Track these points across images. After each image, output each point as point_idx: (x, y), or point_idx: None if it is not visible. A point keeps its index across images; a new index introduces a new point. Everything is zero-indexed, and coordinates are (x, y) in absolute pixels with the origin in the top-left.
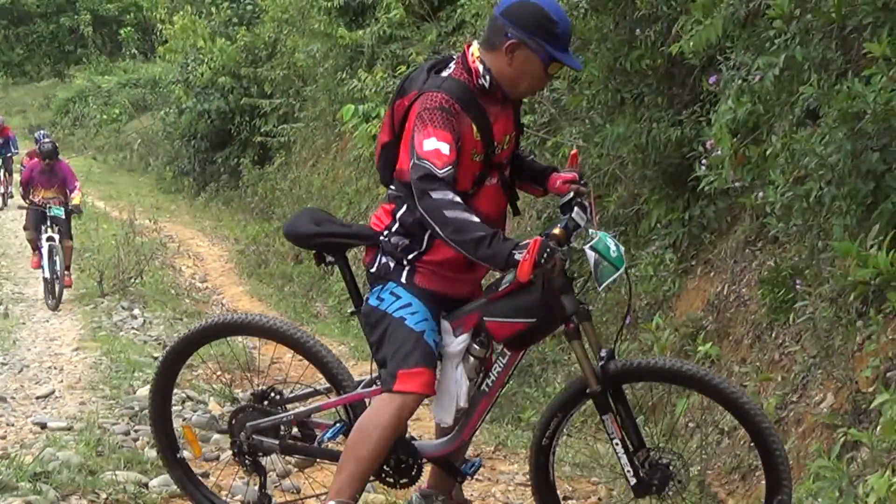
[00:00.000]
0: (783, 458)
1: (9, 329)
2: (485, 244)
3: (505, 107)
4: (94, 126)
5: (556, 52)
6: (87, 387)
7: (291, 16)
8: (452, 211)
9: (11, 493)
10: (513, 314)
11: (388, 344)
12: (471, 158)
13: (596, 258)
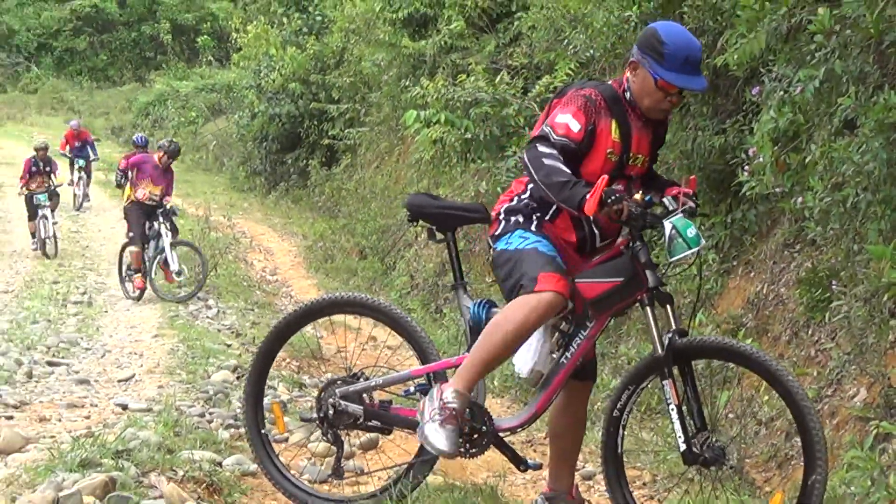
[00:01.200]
0: (820, 438)
1: (92, 317)
2: (567, 187)
3: (645, 127)
4: (172, 128)
5: (661, 70)
6: (165, 371)
7: (358, 26)
8: (549, 160)
9: (95, 469)
10: (602, 275)
11: (523, 265)
12: (606, 155)
13: (672, 232)
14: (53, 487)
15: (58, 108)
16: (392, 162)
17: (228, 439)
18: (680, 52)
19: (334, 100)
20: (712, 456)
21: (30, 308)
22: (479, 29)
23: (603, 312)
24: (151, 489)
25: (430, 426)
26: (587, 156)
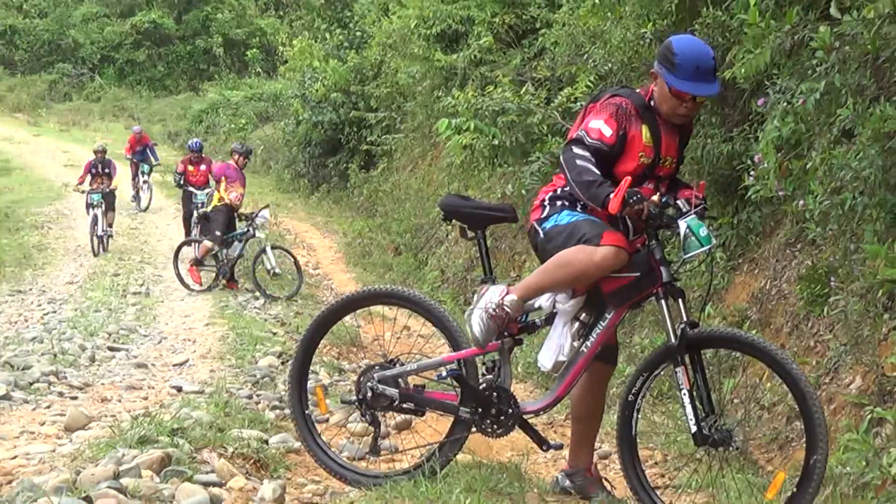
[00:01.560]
0: (821, 420)
1: (150, 306)
2: (594, 185)
3: (672, 131)
4: (223, 134)
5: (673, 79)
6: (217, 357)
7: (395, 41)
8: (582, 161)
9: (153, 446)
10: (620, 270)
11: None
12: (638, 158)
13: (686, 231)
14: (114, 462)
15: (118, 116)
16: (425, 166)
17: (274, 419)
18: (690, 62)
19: (372, 108)
20: (720, 438)
21: (93, 298)
22: (506, 44)
23: (620, 304)
24: (204, 464)
25: (478, 313)
26: (621, 158)
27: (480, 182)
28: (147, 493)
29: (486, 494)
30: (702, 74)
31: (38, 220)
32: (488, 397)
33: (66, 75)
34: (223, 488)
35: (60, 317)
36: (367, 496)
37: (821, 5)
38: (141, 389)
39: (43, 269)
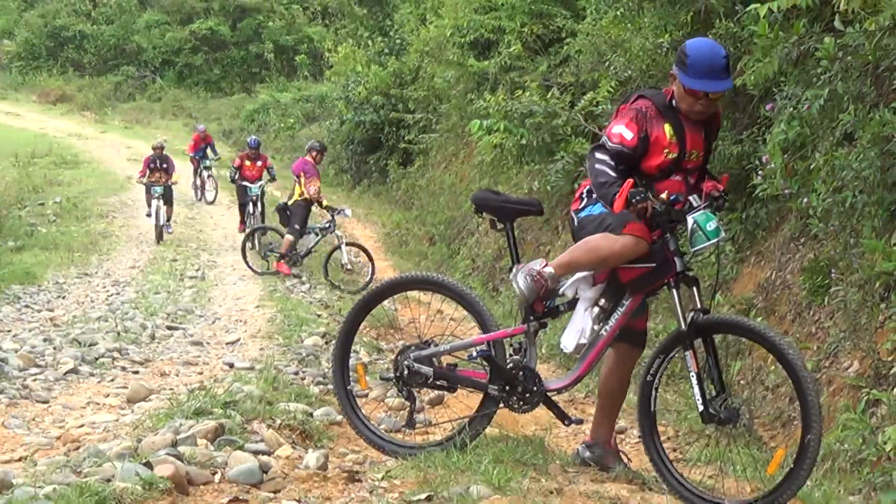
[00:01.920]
0: (815, 402)
1: (205, 289)
2: (606, 185)
3: (697, 127)
4: (273, 132)
5: (685, 78)
6: (266, 336)
7: (431, 49)
8: (600, 164)
9: (207, 417)
10: (637, 261)
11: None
12: (664, 154)
13: (693, 226)
14: (172, 431)
15: (177, 115)
16: (458, 163)
17: (318, 394)
18: (701, 61)
19: (410, 110)
20: (727, 416)
21: (153, 281)
22: (534, 52)
23: (637, 292)
24: (254, 434)
25: (522, 274)
26: (647, 156)
27: (509, 179)
28: (202, 459)
29: (513, 465)
30: (712, 72)
31: (104, 210)
32: (515, 376)
33: (130, 77)
34: (271, 456)
35: (123, 298)
36: (403, 465)
37: (825, 18)
38: (196, 365)
39: (108, 255)
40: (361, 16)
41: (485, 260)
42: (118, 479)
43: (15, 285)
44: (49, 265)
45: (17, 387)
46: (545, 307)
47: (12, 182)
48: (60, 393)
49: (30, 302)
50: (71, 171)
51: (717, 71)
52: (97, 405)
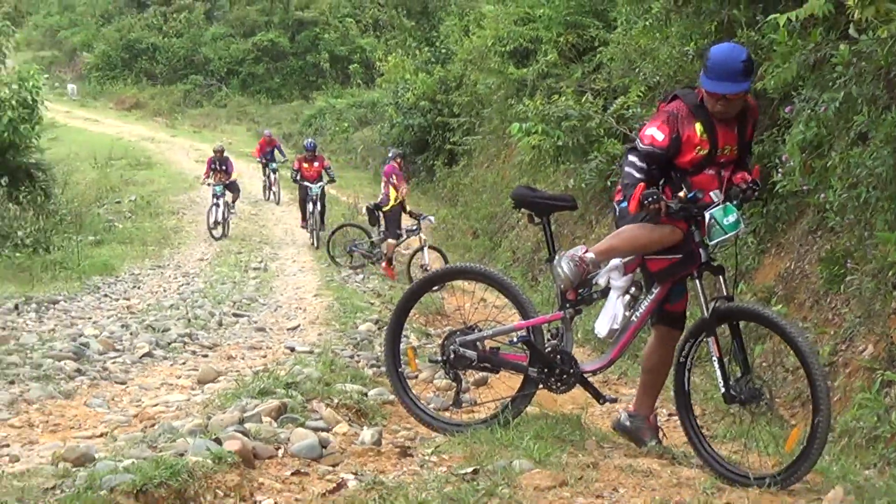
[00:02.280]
0: (823, 387)
1: (267, 280)
2: (628, 188)
3: (729, 124)
4: (329, 135)
5: (705, 80)
6: (323, 322)
7: (474, 58)
8: (629, 166)
9: (271, 397)
10: (665, 253)
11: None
12: (695, 151)
13: (710, 221)
14: (239, 409)
15: (241, 120)
16: (499, 163)
17: (372, 376)
18: (718, 65)
19: (455, 114)
20: (749, 396)
21: (220, 272)
22: (569, 60)
23: (665, 281)
24: (313, 413)
25: (566, 259)
26: (680, 153)
27: (546, 177)
28: (266, 436)
29: (552, 441)
30: (729, 75)
31: (175, 207)
32: (553, 359)
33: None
34: (330, 433)
35: (193, 288)
36: (451, 441)
37: (841, 26)
38: (260, 349)
39: (178, 248)
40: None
41: (524, 252)
42: (190, 453)
43: (95, 276)
44: (125, 258)
45: (98, 369)
46: (580, 295)
47: (92, 182)
48: (137, 375)
49: (108, 291)
50: (144, 171)
51: (733, 74)
52: (170, 386)
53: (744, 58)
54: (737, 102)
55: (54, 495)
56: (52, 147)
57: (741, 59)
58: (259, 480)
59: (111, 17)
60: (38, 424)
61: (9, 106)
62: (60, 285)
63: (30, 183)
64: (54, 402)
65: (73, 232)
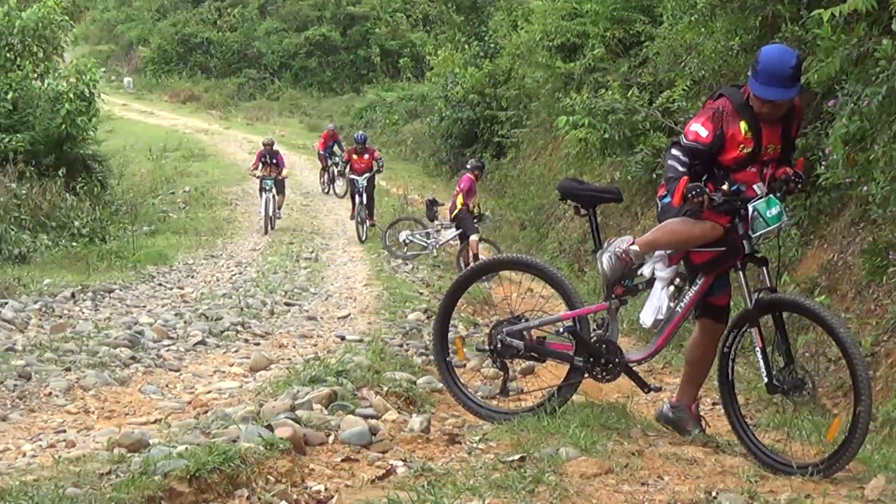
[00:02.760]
0: (864, 377)
1: (318, 270)
2: (671, 181)
3: (774, 124)
4: (379, 128)
5: (754, 83)
6: (373, 312)
7: (522, 52)
8: (672, 160)
9: (322, 384)
10: (709, 245)
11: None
12: (739, 149)
13: (753, 213)
14: (290, 397)
15: (293, 112)
16: (546, 155)
17: (420, 364)
18: (767, 69)
19: (503, 107)
20: (791, 386)
21: (272, 262)
22: (616, 54)
23: (709, 272)
24: (363, 400)
25: (608, 255)
26: (723, 150)
27: (593, 169)
28: (317, 423)
29: (598, 429)
30: (777, 81)
31: (228, 198)
32: (599, 348)
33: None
34: (379, 420)
35: (246, 277)
36: (498, 429)
37: (884, 22)
38: (311, 338)
39: (231, 238)
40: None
41: (571, 243)
42: (242, 439)
43: (150, 266)
44: (179, 248)
45: (152, 357)
46: (625, 287)
47: (147, 173)
48: (190, 362)
49: (163, 281)
50: (198, 163)
51: (781, 79)
52: (223, 373)
53: (793, 63)
54: (785, 103)
55: (109, 480)
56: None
57: (790, 64)
58: (310, 466)
59: (167, 11)
60: (93, 411)
61: (67, 99)
62: (116, 274)
63: (86, 174)
64: (109, 389)
65: (128, 222)
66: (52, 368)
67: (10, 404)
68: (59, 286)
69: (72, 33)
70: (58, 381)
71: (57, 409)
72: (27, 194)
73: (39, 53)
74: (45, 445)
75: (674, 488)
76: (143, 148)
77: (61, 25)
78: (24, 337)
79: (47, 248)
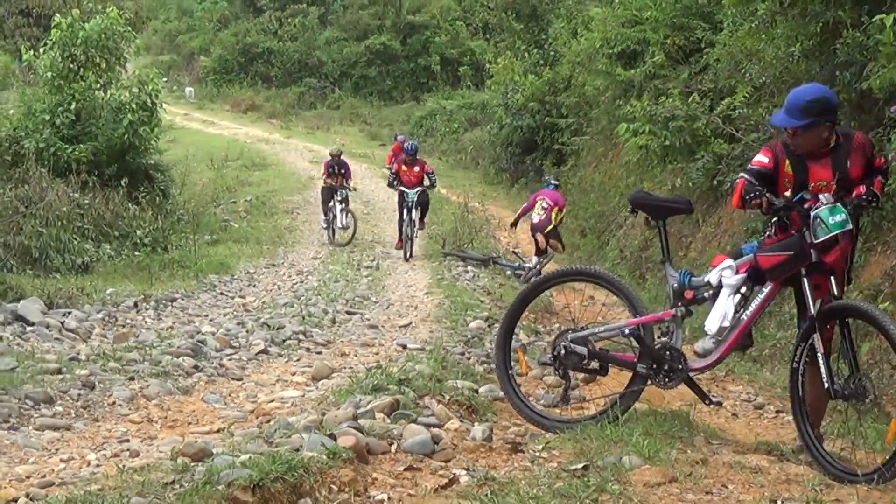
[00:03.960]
0: None
1: (379, 278)
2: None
3: (822, 161)
4: (439, 136)
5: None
6: (434, 320)
7: (582, 59)
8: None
9: (384, 393)
10: (778, 250)
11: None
12: (783, 184)
13: (815, 220)
14: (353, 406)
15: (354, 121)
16: (607, 163)
17: (482, 372)
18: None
19: (563, 115)
20: (854, 392)
21: (333, 271)
22: (676, 61)
23: (776, 279)
24: (425, 409)
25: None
26: (778, 184)
27: (654, 177)
28: (380, 432)
29: (661, 437)
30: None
31: (289, 207)
32: (663, 356)
33: (312, 88)
34: (441, 429)
35: (307, 286)
36: (561, 437)
37: None
38: (373, 346)
39: (292, 247)
40: (519, 30)
41: (632, 251)
42: (305, 448)
43: (212, 274)
44: (241, 256)
45: (215, 366)
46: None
47: (209, 182)
48: (252, 371)
49: (224, 290)
50: (259, 172)
51: (792, 108)
52: (285, 382)
53: (810, 98)
54: (810, 137)
55: (173, 490)
56: (170, 148)
57: (806, 98)
58: (373, 476)
59: (228, 21)
60: (156, 420)
61: (129, 109)
62: (178, 283)
63: (148, 184)
64: (172, 398)
65: (190, 231)
66: (115, 378)
67: (74, 413)
68: (122, 295)
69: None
70: (121, 390)
71: (120, 418)
72: (90, 204)
73: (102, 64)
74: (108, 455)
75: (738, 497)
76: (204, 157)
77: (124, 36)
78: (88, 346)
79: (110, 258)
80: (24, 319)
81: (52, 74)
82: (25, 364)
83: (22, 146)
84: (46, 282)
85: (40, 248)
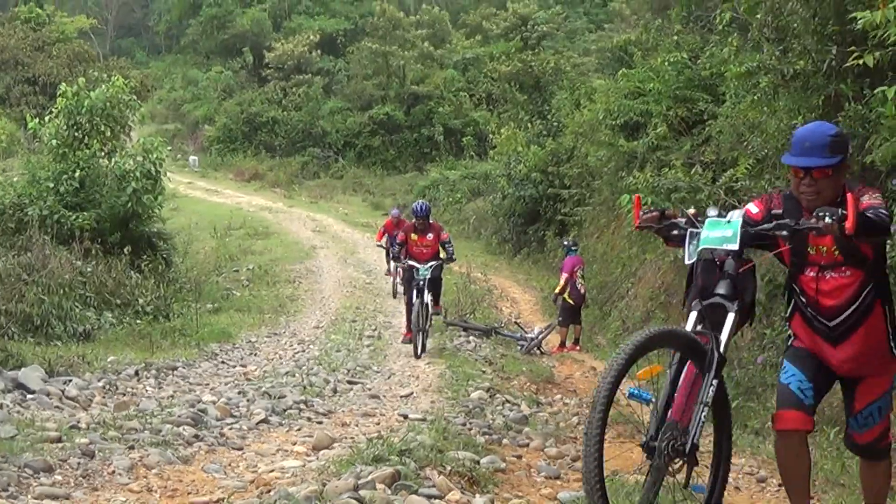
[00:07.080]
0: None
1: (381, 348)
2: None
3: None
4: (442, 206)
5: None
6: (436, 390)
7: (585, 130)
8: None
9: (385, 464)
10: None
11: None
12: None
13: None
14: (354, 476)
15: (357, 190)
16: (609, 234)
17: (484, 443)
18: (798, 139)
19: (566, 186)
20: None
21: (334, 340)
22: (679, 132)
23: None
24: (426, 480)
25: None
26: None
27: (656, 248)
28: (381, 503)
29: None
30: (806, 150)
31: (291, 276)
32: None
33: (315, 157)
34: (443, 500)
35: (308, 355)
36: None
37: None
38: (374, 416)
39: (294, 316)
40: (522, 101)
41: (634, 321)
42: None
43: (213, 343)
44: (242, 325)
45: (216, 435)
46: None
47: (211, 251)
48: (253, 441)
49: (226, 358)
50: (262, 241)
51: (810, 149)
52: (286, 452)
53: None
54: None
55: None
56: (173, 217)
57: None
58: None
59: (232, 91)
60: (156, 489)
61: (133, 177)
62: (179, 352)
63: (151, 252)
64: (172, 468)
65: (192, 300)
66: (115, 446)
67: (73, 482)
68: (123, 364)
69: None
70: (121, 459)
71: (120, 487)
72: (92, 272)
73: (107, 132)
74: None
75: None
76: (207, 226)
77: (129, 105)
78: (88, 414)
79: (112, 326)
80: (25, 387)
81: (57, 142)
82: (25, 432)
83: (25, 213)
84: (47, 349)
85: (42, 315)
